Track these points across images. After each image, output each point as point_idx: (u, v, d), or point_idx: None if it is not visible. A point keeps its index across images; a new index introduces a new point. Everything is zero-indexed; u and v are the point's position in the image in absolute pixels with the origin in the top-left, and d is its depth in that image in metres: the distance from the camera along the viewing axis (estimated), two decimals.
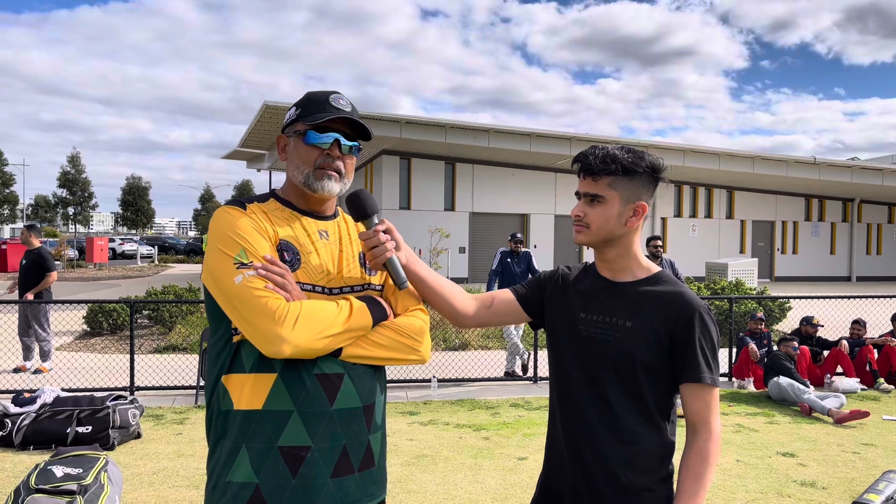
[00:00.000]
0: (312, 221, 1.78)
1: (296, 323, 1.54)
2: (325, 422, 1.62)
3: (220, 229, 1.66)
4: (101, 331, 11.40)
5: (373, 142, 19.68)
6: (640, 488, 1.71)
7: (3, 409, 5.62)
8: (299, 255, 1.69)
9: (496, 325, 1.98)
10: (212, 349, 1.71)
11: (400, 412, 6.87)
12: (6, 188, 64.77)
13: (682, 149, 21.79)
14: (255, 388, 1.61)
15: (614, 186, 1.75)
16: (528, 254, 9.09)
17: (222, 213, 1.69)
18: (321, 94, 1.78)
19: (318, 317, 1.58)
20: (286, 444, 1.60)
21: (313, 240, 1.74)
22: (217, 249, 1.63)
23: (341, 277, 1.74)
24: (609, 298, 1.79)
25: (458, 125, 19.31)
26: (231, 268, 1.60)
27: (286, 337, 1.53)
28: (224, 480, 1.62)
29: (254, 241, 1.63)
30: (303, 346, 1.55)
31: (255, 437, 1.61)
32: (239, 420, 1.62)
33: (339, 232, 1.81)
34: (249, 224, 1.66)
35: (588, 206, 1.78)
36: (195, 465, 5.12)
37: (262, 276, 1.58)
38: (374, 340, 1.68)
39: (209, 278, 1.65)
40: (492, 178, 22.49)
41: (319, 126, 1.72)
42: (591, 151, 1.77)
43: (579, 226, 1.80)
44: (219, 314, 1.66)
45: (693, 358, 1.70)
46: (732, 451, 5.60)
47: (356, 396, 1.66)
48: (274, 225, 1.70)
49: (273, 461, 1.59)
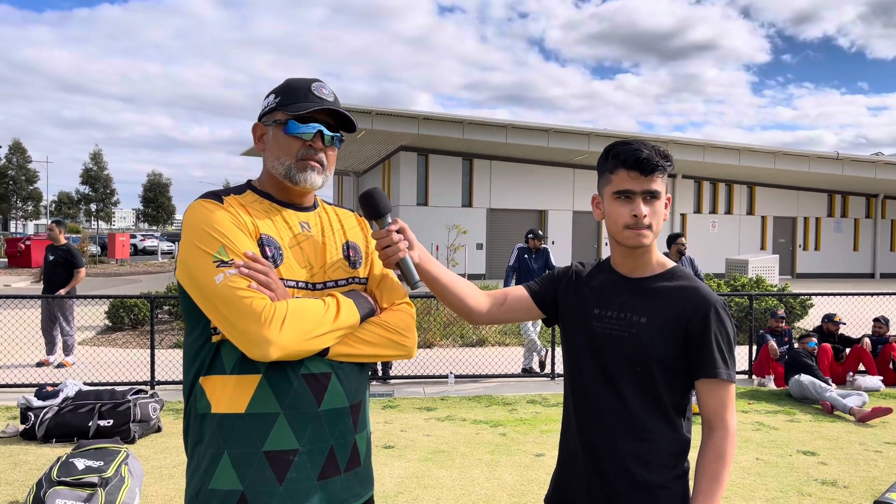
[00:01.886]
0: (293, 213, 1.69)
1: (283, 324, 1.47)
2: (313, 423, 1.56)
3: (196, 225, 1.55)
4: (122, 326, 11.54)
5: (390, 138, 19.74)
6: (654, 485, 1.70)
7: (26, 403, 5.71)
8: (281, 249, 1.61)
9: (510, 322, 1.97)
10: (188, 349, 1.62)
11: (417, 408, 6.88)
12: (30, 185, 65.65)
13: (702, 144, 21.59)
14: (238, 391, 1.53)
15: (664, 182, 1.73)
16: (545, 250, 9.05)
17: (198, 207, 1.58)
18: (302, 81, 1.69)
19: (305, 317, 1.51)
20: (272, 448, 1.53)
21: (295, 233, 1.66)
22: (194, 246, 1.53)
23: (324, 272, 1.67)
24: (624, 294, 1.78)
25: (475, 121, 19.26)
26: (210, 266, 1.50)
27: (273, 340, 1.45)
28: (207, 488, 1.55)
29: (233, 236, 1.54)
30: (291, 349, 1.48)
31: (238, 441, 1.53)
32: (219, 424, 1.54)
33: (321, 223, 1.73)
34: (228, 218, 1.56)
35: (647, 204, 1.70)
36: None
37: (245, 275, 1.49)
38: (361, 338, 1.63)
39: (185, 277, 1.55)
40: (509, 174, 22.42)
41: (301, 116, 1.63)
42: (642, 146, 1.69)
43: (642, 229, 1.70)
44: (195, 312, 1.57)
45: (709, 353, 1.68)
46: (752, 450, 5.54)
47: (343, 396, 1.61)
48: (253, 218, 1.61)
49: (259, 467, 1.53)
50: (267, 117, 1.69)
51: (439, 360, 9.21)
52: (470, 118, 19.11)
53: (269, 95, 1.70)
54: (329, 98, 1.69)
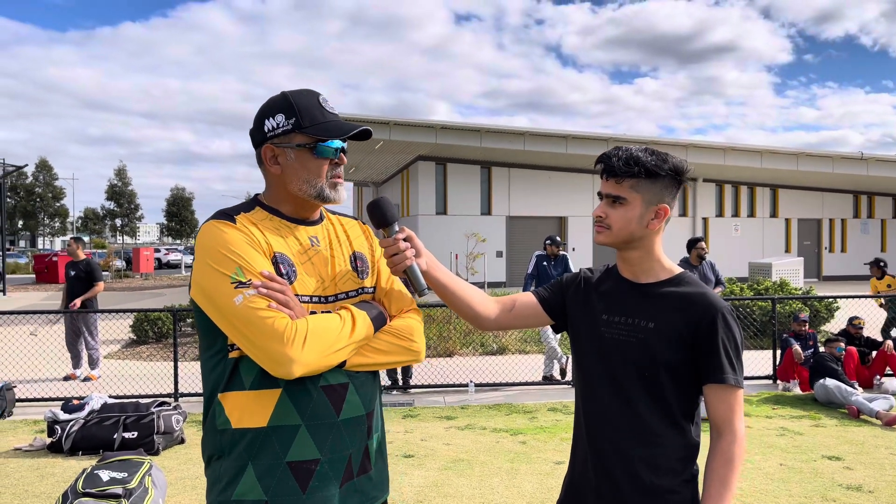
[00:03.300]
0: (302, 228, 1.71)
1: (304, 343, 1.50)
2: (333, 433, 1.60)
3: (211, 246, 1.57)
4: (146, 339, 11.69)
5: (408, 148, 19.84)
6: (663, 490, 1.70)
7: (52, 416, 5.81)
8: (294, 266, 1.64)
9: (518, 328, 1.99)
10: (205, 365, 1.65)
11: (437, 417, 6.89)
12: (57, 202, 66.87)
13: (723, 147, 21.43)
14: (259, 405, 1.56)
15: (637, 189, 1.74)
16: (564, 257, 9.04)
17: (211, 228, 1.60)
18: (308, 97, 1.69)
19: (325, 334, 1.55)
20: (295, 458, 1.56)
21: (305, 248, 1.69)
22: (210, 268, 1.55)
23: (335, 284, 1.70)
24: (631, 300, 1.79)
25: (492, 129, 19.31)
26: (229, 288, 1.52)
27: (296, 358, 1.49)
28: (230, 499, 1.58)
29: (249, 257, 1.56)
30: (313, 366, 1.52)
31: (261, 454, 1.56)
32: (242, 438, 1.57)
33: (329, 236, 1.76)
34: (242, 239, 1.58)
35: (610, 207, 1.77)
36: None
37: (264, 295, 1.52)
38: (374, 347, 1.67)
39: (202, 297, 1.57)
40: (528, 181, 22.41)
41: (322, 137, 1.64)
42: (615, 153, 1.77)
43: (601, 226, 1.80)
44: (211, 329, 1.59)
45: (716, 359, 1.68)
46: (776, 455, 5.48)
47: (360, 405, 1.65)
48: (266, 236, 1.63)
49: (282, 477, 1.56)
50: (281, 139, 1.66)
51: (460, 368, 9.22)
52: (487, 126, 19.17)
53: (275, 116, 1.67)
54: (335, 111, 1.72)
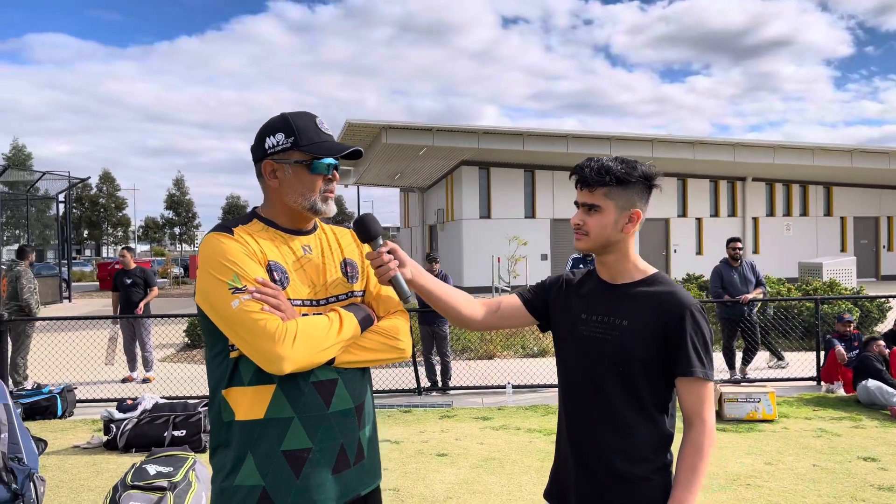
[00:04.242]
0: (296, 238, 1.87)
1: (294, 342, 1.65)
2: (324, 424, 1.75)
3: (211, 256, 1.73)
4: (199, 343, 12.17)
5: (451, 153, 20.04)
6: (636, 477, 1.82)
7: (108, 416, 6.18)
8: (287, 273, 1.79)
9: (505, 328, 2.13)
10: (210, 364, 1.81)
11: (473, 417, 7.03)
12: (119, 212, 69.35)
13: (772, 145, 21.00)
14: (256, 400, 1.72)
15: (609, 196, 1.87)
16: None
17: (211, 240, 1.76)
18: (305, 118, 1.85)
19: (313, 334, 1.70)
20: (289, 447, 1.72)
21: (298, 256, 1.84)
22: (210, 275, 1.71)
23: (326, 289, 1.85)
24: (608, 300, 1.91)
25: (535, 133, 19.37)
26: (227, 293, 1.68)
27: (286, 355, 1.64)
28: (232, 485, 1.74)
29: (245, 265, 1.71)
30: (303, 363, 1.68)
31: (259, 443, 1.72)
32: (242, 429, 1.73)
33: (321, 245, 1.91)
34: (239, 249, 1.74)
35: (586, 215, 1.90)
36: None
37: (258, 299, 1.67)
38: (362, 345, 1.82)
39: (204, 302, 1.74)
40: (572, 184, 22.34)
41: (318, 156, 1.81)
42: (587, 164, 1.90)
43: (579, 233, 1.93)
44: (214, 332, 1.75)
45: (685, 353, 1.79)
46: (810, 456, 5.44)
47: (348, 398, 1.81)
48: (261, 246, 1.78)
49: (278, 464, 1.72)
50: (280, 156, 1.82)
51: (499, 371, 9.34)
52: (529, 130, 19.24)
53: (275, 134, 1.83)
54: (331, 131, 1.90)
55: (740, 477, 4.99)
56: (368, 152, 21.24)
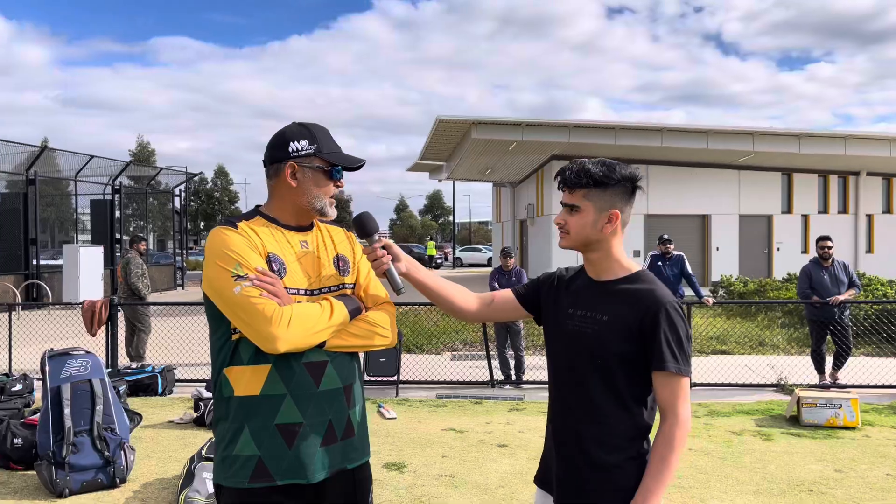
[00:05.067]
0: (294, 234, 2.05)
1: (289, 324, 1.84)
2: (314, 401, 1.94)
3: (216, 247, 1.93)
4: None
5: (542, 148, 19.98)
6: (610, 465, 1.91)
7: (198, 394, 6.70)
8: (285, 265, 1.98)
9: (497, 320, 2.28)
10: (213, 346, 2.00)
11: (541, 411, 7.11)
12: (232, 205, 73.16)
13: (888, 138, 19.63)
14: (253, 378, 1.91)
15: (588, 197, 1.97)
16: (680, 257, 8.90)
17: (217, 233, 1.97)
18: (322, 130, 2.07)
19: (307, 318, 1.88)
20: (282, 421, 1.91)
21: (295, 250, 2.03)
22: (215, 264, 1.91)
23: (320, 280, 2.04)
24: (592, 295, 2.01)
25: (628, 126, 19.00)
26: (230, 280, 1.87)
27: (281, 336, 1.83)
28: (231, 454, 1.93)
29: (246, 255, 1.91)
30: (296, 344, 1.86)
31: (255, 417, 1.91)
32: (240, 404, 1.92)
33: (317, 241, 2.10)
34: (242, 241, 1.93)
35: (568, 214, 2.01)
36: None
37: (257, 286, 1.86)
38: (350, 332, 2.00)
39: (209, 289, 1.93)
40: (668, 179, 21.72)
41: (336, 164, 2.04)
42: (569, 167, 2.01)
43: (562, 232, 2.04)
44: (218, 317, 1.95)
45: (659, 349, 1.87)
46: (885, 465, 5.21)
47: (337, 379, 1.98)
48: (262, 240, 1.97)
49: (271, 436, 1.91)
50: (304, 160, 2.02)
51: None
52: (622, 124, 18.89)
53: (299, 140, 2.03)
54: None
55: (804, 483, 4.85)
56: (458, 148, 21.49)
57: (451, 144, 21.75)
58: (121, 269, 10.05)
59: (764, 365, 9.13)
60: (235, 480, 1.94)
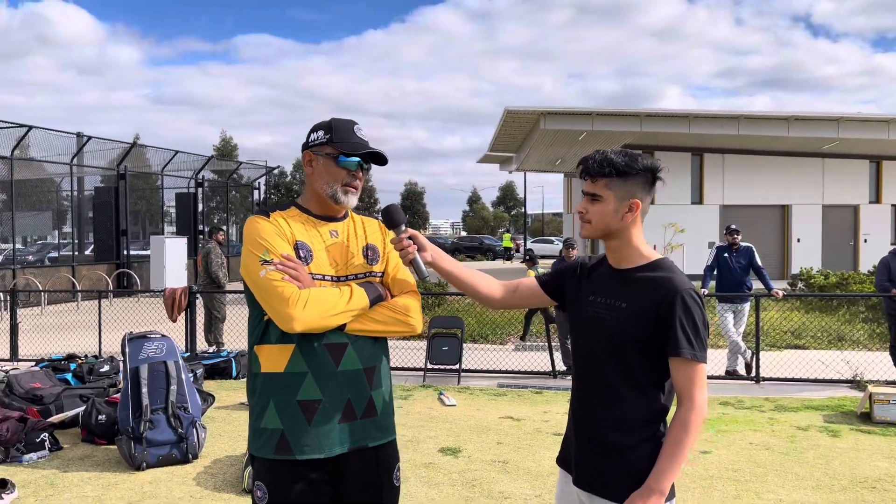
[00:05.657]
0: (325, 224, 2.19)
1: (305, 306, 1.98)
2: (333, 380, 2.06)
3: (249, 235, 2.11)
4: None
5: (613, 138, 19.70)
6: (626, 447, 1.97)
7: None
8: (312, 252, 2.11)
9: (521, 307, 2.36)
10: (248, 325, 2.16)
11: None
12: None
13: None
14: (279, 356, 2.06)
15: (610, 187, 2.02)
16: (748, 248, 8.67)
17: (251, 222, 2.14)
18: (346, 122, 2.20)
19: (323, 301, 2.02)
20: (303, 398, 2.04)
21: (324, 238, 2.16)
22: (248, 250, 2.09)
23: (347, 268, 2.16)
24: (612, 283, 2.07)
25: (702, 114, 18.49)
26: (258, 264, 2.04)
27: (297, 317, 1.97)
28: (260, 426, 2.09)
29: (274, 242, 2.07)
30: (311, 324, 2.00)
31: (279, 393, 2.06)
32: (266, 380, 2.08)
33: (347, 231, 2.22)
34: (271, 229, 2.10)
35: (589, 203, 2.06)
36: (403, 433, 5.94)
37: (280, 270, 2.01)
38: (372, 317, 2.11)
39: (243, 273, 2.10)
40: (745, 168, 21.02)
41: (348, 152, 2.14)
42: (592, 156, 2.06)
43: (583, 220, 2.09)
44: (252, 299, 2.10)
45: (674, 335, 1.91)
46: None
47: (357, 360, 2.09)
48: (292, 228, 2.12)
49: (293, 411, 2.05)
50: (317, 148, 2.17)
51: None
52: (696, 112, 18.41)
53: (318, 131, 2.18)
54: (366, 138, 2.22)
55: (868, 480, 4.72)
56: (527, 139, 21.42)
57: (521, 135, 21.70)
58: (201, 259, 10.57)
59: (839, 360, 8.79)
60: (264, 451, 2.10)
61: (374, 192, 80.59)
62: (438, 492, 4.57)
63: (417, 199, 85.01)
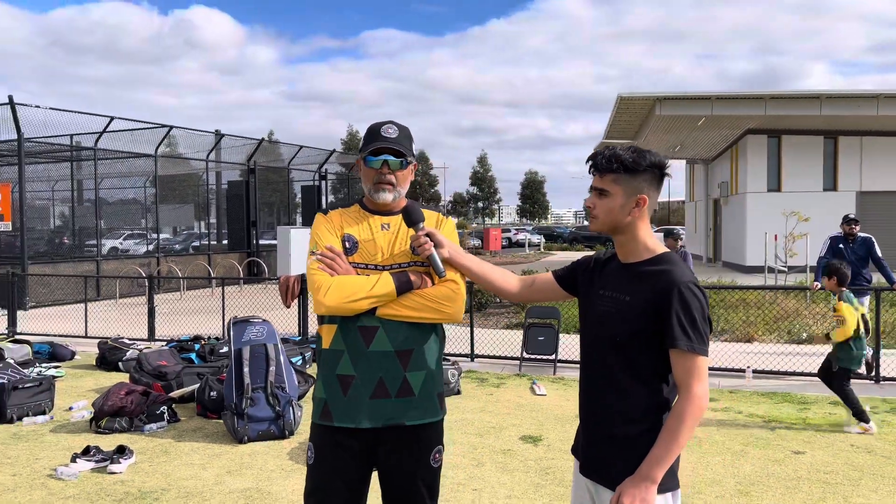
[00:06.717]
0: (378, 218, 2.44)
1: (327, 292, 2.26)
2: (364, 359, 2.30)
3: (312, 229, 2.45)
4: (466, 308, 13.41)
5: (735, 122, 18.79)
6: (627, 437, 2.02)
7: None
8: (358, 243, 2.38)
9: (539, 301, 2.42)
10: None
11: None
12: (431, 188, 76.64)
13: None
14: (328, 335, 2.36)
15: (618, 182, 2.07)
16: (868, 239, 8.11)
17: (315, 219, 2.48)
18: (376, 126, 2.42)
19: (346, 287, 2.27)
20: (340, 372, 2.32)
21: (373, 231, 2.40)
22: (309, 242, 2.43)
23: (392, 257, 2.38)
24: (619, 277, 2.12)
25: (836, 95, 17.20)
26: (308, 255, 2.37)
27: (320, 301, 2.27)
28: (314, 396, 2.43)
29: (323, 235, 2.38)
30: (332, 308, 2.27)
31: (325, 366, 2.37)
32: (321, 356, 2.39)
33: (400, 223, 2.43)
34: (324, 225, 2.42)
35: (597, 198, 2.12)
36: (488, 420, 6.11)
37: (318, 260, 2.32)
38: (403, 303, 2.31)
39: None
40: (885, 151, 19.35)
41: (372, 152, 2.38)
42: (601, 151, 2.11)
43: (591, 216, 2.16)
44: None
45: (671, 327, 1.95)
46: None
47: (388, 342, 2.30)
48: (343, 223, 2.42)
49: (333, 384, 2.34)
50: (360, 154, 2.47)
51: (752, 354, 8.87)
52: (828, 92, 17.15)
53: (364, 139, 2.45)
54: (392, 136, 2.39)
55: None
56: (643, 125, 20.79)
57: (636, 122, 21.11)
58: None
59: None
60: (315, 417, 2.42)
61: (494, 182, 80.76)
62: (511, 477, 4.70)
63: (538, 188, 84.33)
